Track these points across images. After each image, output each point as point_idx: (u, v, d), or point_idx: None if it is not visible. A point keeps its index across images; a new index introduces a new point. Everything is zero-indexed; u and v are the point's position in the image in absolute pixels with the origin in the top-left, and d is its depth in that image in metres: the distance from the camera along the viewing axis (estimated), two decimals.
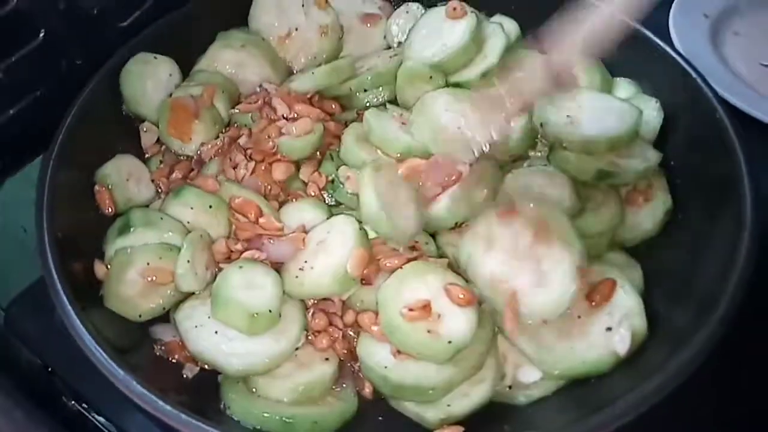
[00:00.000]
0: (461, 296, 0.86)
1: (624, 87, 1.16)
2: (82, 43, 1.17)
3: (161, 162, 1.12)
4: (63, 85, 1.11)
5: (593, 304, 0.89)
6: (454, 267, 0.94)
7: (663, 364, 0.78)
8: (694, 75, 1.06)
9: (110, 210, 1.03)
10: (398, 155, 1.04)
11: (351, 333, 0.93)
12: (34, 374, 1.06)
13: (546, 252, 0.90)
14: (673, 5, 1.51)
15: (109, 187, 1.04)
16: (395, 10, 1.30)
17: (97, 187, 1.03)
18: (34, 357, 1.06)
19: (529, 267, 0.90)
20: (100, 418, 1.01)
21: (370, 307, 0.91)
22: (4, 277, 1.14)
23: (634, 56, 1.13)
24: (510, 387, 0.88)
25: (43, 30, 1.09)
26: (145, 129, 1.15)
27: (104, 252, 0.97)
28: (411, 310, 0.85)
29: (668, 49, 1.11)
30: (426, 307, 0.86)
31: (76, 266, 0.93)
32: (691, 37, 1.45)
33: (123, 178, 1.06)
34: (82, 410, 1.02)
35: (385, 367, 0.85)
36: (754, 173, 0.92)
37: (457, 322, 0.85)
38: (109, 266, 0.95)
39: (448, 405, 0.84)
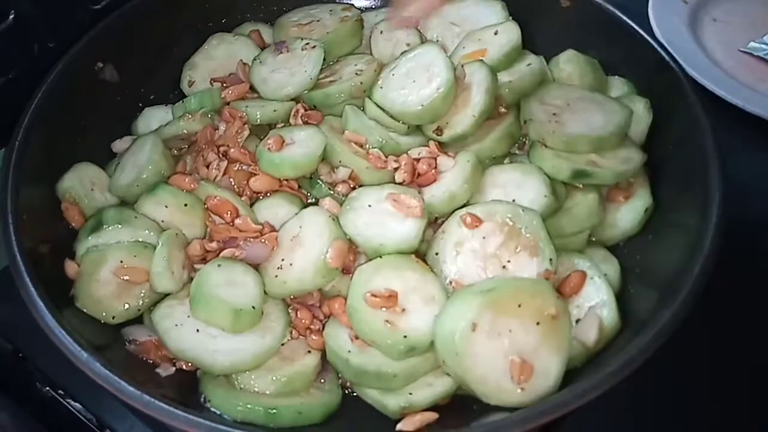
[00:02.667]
0: (435, 298, 0.87)
1: (617, 86, 1.15)
2: (53, 26, 1.13)
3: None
4: (35, 68, 1.07)
5: (565, 296, 0.89)
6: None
7: (623, 347, 0.80)
8: (666, 58, 1.06)
9: (82, 225, 0.99)
10: (372, 146, 1.04)
11: None
12: (5, 360, 1.04)
13: (513, 255, 0.89)
14: None
15: (75, 200, 1.00)
16: None
17: (63, 204, 0.99)
18: (5, 343, 1.04)
19: (493, 270, 0.89)
20: (76, 404, 0.99)
21: (343, 294, 0.91)
22: None
23: (607, 39, 1.14)
24: None
25: (12, 12, 1.06)
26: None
27: (75, 251, 0.95)
28: (374, 296, 0.86)
29: (639, 30, 1.10)
30: (391, 297, 0.86)
31: (47, 266, 0.90)
32: (670, 23, 1.48)
33: (87, 188, 1.02)
34: (57, 396, 1.00)
35: (348, 351, 0.85)
36: (723, 160, 0.93)
37: (419, 321, 0.85)
38: (80, 264, 0.92)
39: (410, 393, 0.84)
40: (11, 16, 1.05)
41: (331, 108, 1.12)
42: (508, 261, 0.90)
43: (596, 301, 0.89)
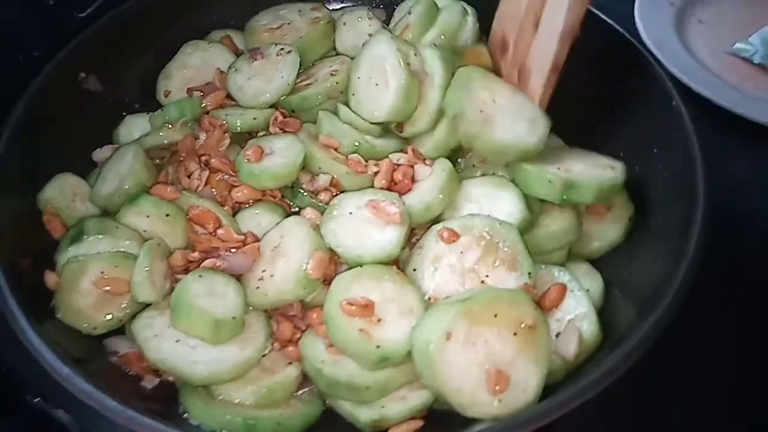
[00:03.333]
0: (413, 310, 0.87)
1: None
2: (39, 35, 1.12)
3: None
4: (20, 77, 1.07)
5: (545, 309, 0.89)
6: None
7: (605, 357, 0.81)
8: (651, 60, 1.06)
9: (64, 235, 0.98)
10: (348, 150, 1.05)
11: None
12: None
13: (491, 270, 0.89)
14: None
15: (56, 211, 1.00)
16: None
17: (45, 216, 0.99)
18: None
19: (471, 284, 0.89)
20: (65, 416, 0.98)
21: (322, 304, 0.90)
22: None
23: (593, 42, 1.09)
24: None
25: None
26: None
27: (55, 262, 0.94)
28: (351, 304, 0.86)
29: (625, 34, 1.11)
30: (368, 307, 0.86)
31: (29, 278, 0.90)
32: (656, 25, 1.49)
33: (68, 198, 1.02)
34: (46, 408, 0.99)
35: (322, 362, 0.85)
36: (707, 164, 0.93)
37: (394, 332, 0.85)
38: (60, 275, 0.92)
39: (383, 407, 0.84)
40: None
41: (310, 112, 1.12)
42: (487, 276, 0.89)
43: (576, 314, 0.89)
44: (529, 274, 0.89)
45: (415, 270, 0.91)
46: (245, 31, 1.28)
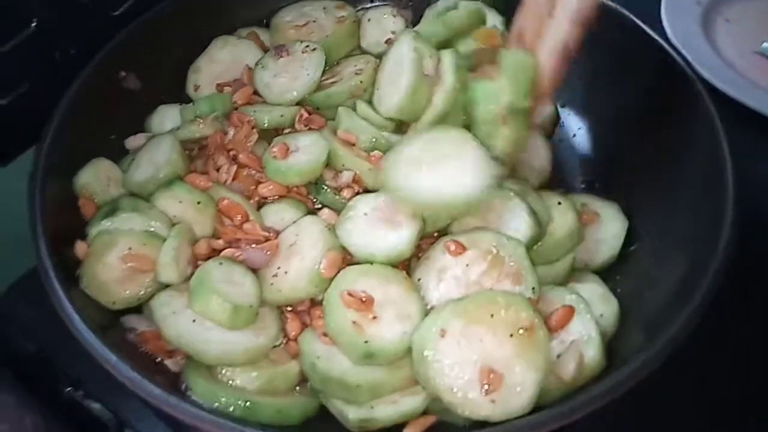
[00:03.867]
0: (410, 316, 0.88)
1: None
2: (75, 33, 1.17)
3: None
4: (56, 75, 1.10)
5: (551, 330, 0.88)
6: None
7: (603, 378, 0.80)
8: (679, 61, 1.05)
9: None
10: (365, 146, 1.06)
11: None
12: (29, 361, 1.07)
13: (495, 283, 0.89)
14: None
15: (92, 195, 1.03)
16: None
17: (81, 200, 1.02)
18: (29, 343, 1.08)
19: None
20: (96, 405, 1.02)
21: None
22: (3, 261, 1.14)
23: (620, 42, 1.12)
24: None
25: (35, 19, 1.09)
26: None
27: (87, 234, 0.98)
28: (351, 295, 0.87)
29: (653, 35, 1.09)
30: (366, 302, 0.87)
31: (66, 254, 0.94)
32: (683, 24, 1.46)
33: (103, 183, 1.05)
34: (78, 397, 1.03)
35: (317, 357, 0.87)
36: (737, 165, 0.91)
37: (387, 333, 0.86)
38: (90, 246, 0.95)
39: (372, 407, 0.84)
40: (33, 24, 1.08)
41: (334, 109, 1.13)
42: (491, 289, 0.89)
43: (581, 337, 0.88)
44: (533, 289, 0.89)
45: (419, 279, 0.92)
46: (270, 28, 1.29)
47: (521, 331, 0.82)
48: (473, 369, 0.80)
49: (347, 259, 0.95)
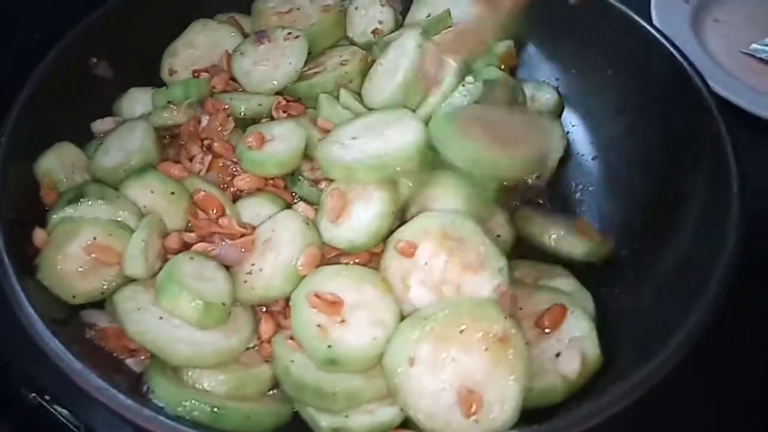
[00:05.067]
0: (384, 321, 0.83)
1: None
2: (41, 16, 1.08)
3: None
4: (21, 59, 1.05)
5: (544, 330, 0.86)
6: None
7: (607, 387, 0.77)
8: (680, 59, 1.02)
9: None
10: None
11: None
12: None
13: (461, 276, 0.84)
14: None
15: (56, 183, 0.97)
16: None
17: (43, 190, 0.96)
18: None
19: (449, 296, 0.84)
20: (62, 411, 0.97)
21: None
22: None
23: (619, 40, 1.11)
24: None
25: None
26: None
27: (48, 222, 0.92)
28: (318, 297, 0.83)
29: (656, 33, 1.07)
30: (335, 305, 0.83)
31: (25, 243, 0.89)
32: (672, 23, 1.46)
33: (68, 169, 0.99)
34: (43, 402, 0.97)
35: (291, 361, 0.82)
36: (741, 164, 0.90)
37: (353, 338, 0.81)
38: (50, 234, 0.89)
39: (346, 416, 0.79)
40: None
41: (315, 100, 1.09)
42: (458, 285, 0.85)
43: (577, 334, 0.85)
44: (500, 270, 0.84)
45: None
46: (252, 13, 1.24)
47: (495, 343, 0.77)
48: (451, 393, 0.76)
49: (326, 256, 0.91)
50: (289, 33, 1.13)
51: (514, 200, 1.04)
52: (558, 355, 0.83)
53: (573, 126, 1.20)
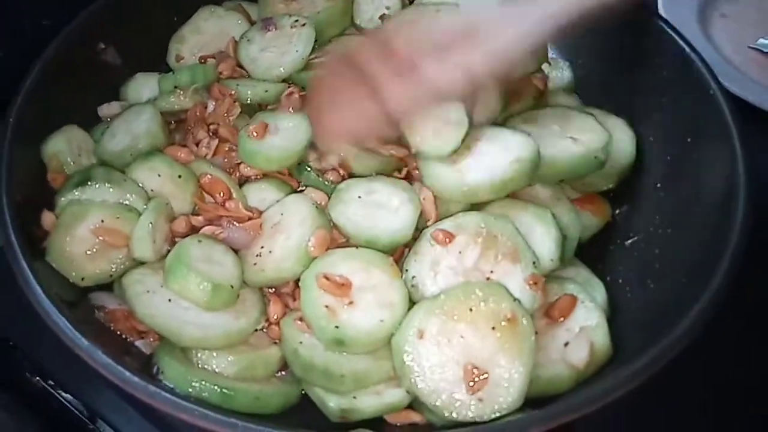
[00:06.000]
0: (392, 304, 0.84)
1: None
2: (46, 4, 1.08)
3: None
4: (26, 46, 1.04)
5: (553, 319, 0.86)
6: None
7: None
8: (687, 50, 1.01)
9: None
10: None
11: None
12: None
13: (495, 265, 0.86)
14: None
15: (63, 166, 0.97)
16: None
17: (50, 174, 0.96)
18: None
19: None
20: (67, 395, 0.97)
21: None
22: None
23: (624, 30, 1.10)
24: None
25: None
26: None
27: (56, 204, 0.92)
28: (327, 278, 0.84)
29: (661, 23, 1.06)
30: (343, 287, 0.84)
31: (33, 226, 0.89)
32: (679, 18, 1.46)
33: (75, 153, 0.99)
34: (47, 386, 0.98)
35: (300, 342, 0.83)
36: (749, 155, 0.90)
37: (360, 319, 0.82)
38: (58, 216, 0.90)
39: (354, 397, 0.80)
40: None
41: None
42: (491, 272, 0.85)
43: (587, 324, 0.85)
44: (534, 263, 0.85)
45: (414, 278, 0.87)
46: (259, 0, 1.23)
47: (503, 323, 0.78)
48: (456, 368, 0.77)
49: (334, 238, 0.91)
50: (296, 20, 1.13)
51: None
52: (567, 344, 0.83)
53: None
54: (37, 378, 0.98)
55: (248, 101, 1.06)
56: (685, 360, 0.73)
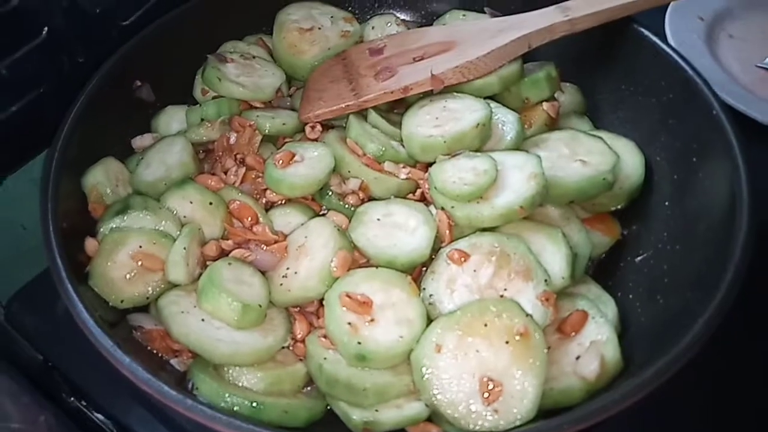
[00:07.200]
0: (410, 321, 0.88)
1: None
2: (84, 41, 1.17)
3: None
4: (65, 82, 1.13)
5: (565, 334, 0.89)
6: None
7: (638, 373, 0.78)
8: (690, 72, 1.04)
9: None
10: (374, 154, 1.06)
11: None
12: (34, 370, 1.06)
13: (508, 283, 0.90)
14: (669, 8, 1.54)
15: (101, 198, 1.03)
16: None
17: (91, 204, 1.02)
18: (34, 352, 1.07)
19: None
20: (99, 415, 1.02)
21: None
22: (4, 274, 1.15)
23: (630, 54, 1.14)
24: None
25: (46, 27, 1.10)
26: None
27: (98, 232, 0.99)
28: (349, 297, 0.88)
29: (664, 46, 1.09)
30: (365, 305, 0.88)
31: (75, 253, 0.94)
32: (686, 39, 1.49)
33: (113, 183, 1.06)
34: (81, 407, 1.03)
35: (324, 358, 0.87)
36: (752, 173, 0.92)
37: (381, 335, 0.86)
38: (100, 243, 0.95)
39: (377, 410, 0.84)
40: (44, 32, 1.09)
41: (344, 117, 1.13)
42: (505, 289, 0.89)
43: (598, 338, 0.88)
44: (546, 281, 0.89)
45: (432, 295, 0.91)
46: (275, 24, 1.27)
47: (517, 338, 0.82)
48: (472, 381, 0.80)
49: (356, 259, 0.95)
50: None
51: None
52: (578, 358, 0.86)
53: None
54: (72, 398, 1.03)
55: (267, 132, 1.11)
56: (691, 368, 0.76)
